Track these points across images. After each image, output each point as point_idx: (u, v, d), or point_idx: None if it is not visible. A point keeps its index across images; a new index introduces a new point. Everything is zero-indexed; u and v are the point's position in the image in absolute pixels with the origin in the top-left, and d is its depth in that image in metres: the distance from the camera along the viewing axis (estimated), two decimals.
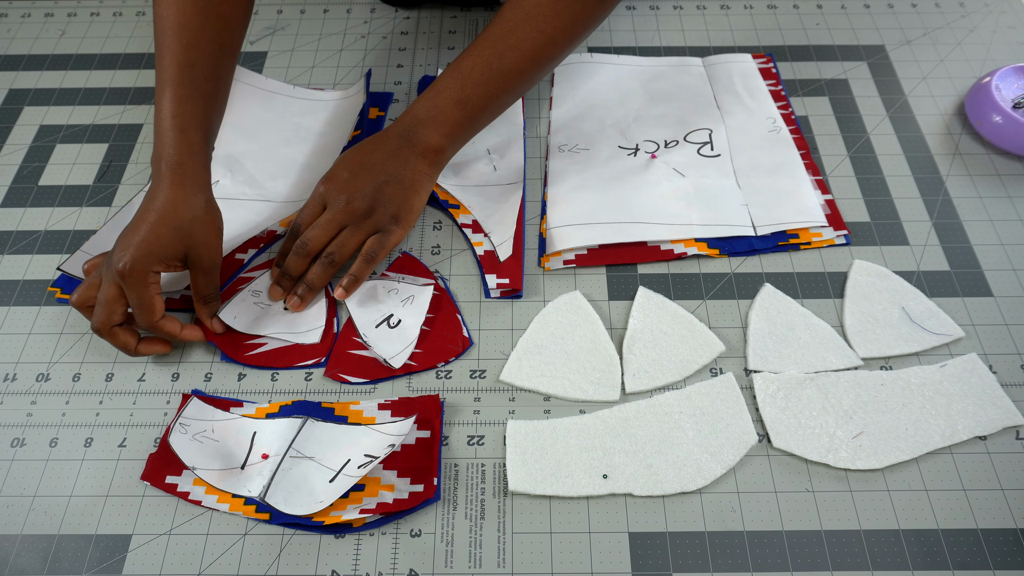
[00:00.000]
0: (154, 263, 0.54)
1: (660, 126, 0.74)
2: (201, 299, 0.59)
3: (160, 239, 0.54)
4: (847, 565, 0.50)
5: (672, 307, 0.61)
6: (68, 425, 0.57)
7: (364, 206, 0.59)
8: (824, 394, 0.56)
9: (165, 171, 0.56)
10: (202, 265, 0.57)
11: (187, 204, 0.56)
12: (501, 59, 0.61)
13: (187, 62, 0.58)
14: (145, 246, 0.54)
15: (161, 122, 0.57)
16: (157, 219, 0.55)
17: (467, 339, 0.60)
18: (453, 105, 0.61)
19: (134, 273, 0.53)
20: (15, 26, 0.85)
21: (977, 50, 0.80)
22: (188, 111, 0.58)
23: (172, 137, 0.57)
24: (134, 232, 0.54)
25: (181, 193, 0.56)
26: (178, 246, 0.55)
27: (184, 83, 0.58)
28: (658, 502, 0.52)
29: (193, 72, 0.58)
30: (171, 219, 0.55)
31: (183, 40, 0.58)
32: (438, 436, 0.55)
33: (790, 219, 0.66)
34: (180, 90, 0.58)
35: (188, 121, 0.58)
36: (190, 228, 0.56)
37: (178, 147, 0.56)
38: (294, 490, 0.52)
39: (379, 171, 0.60)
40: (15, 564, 0.51)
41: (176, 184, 0.56)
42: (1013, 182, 0.69)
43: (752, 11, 0.85)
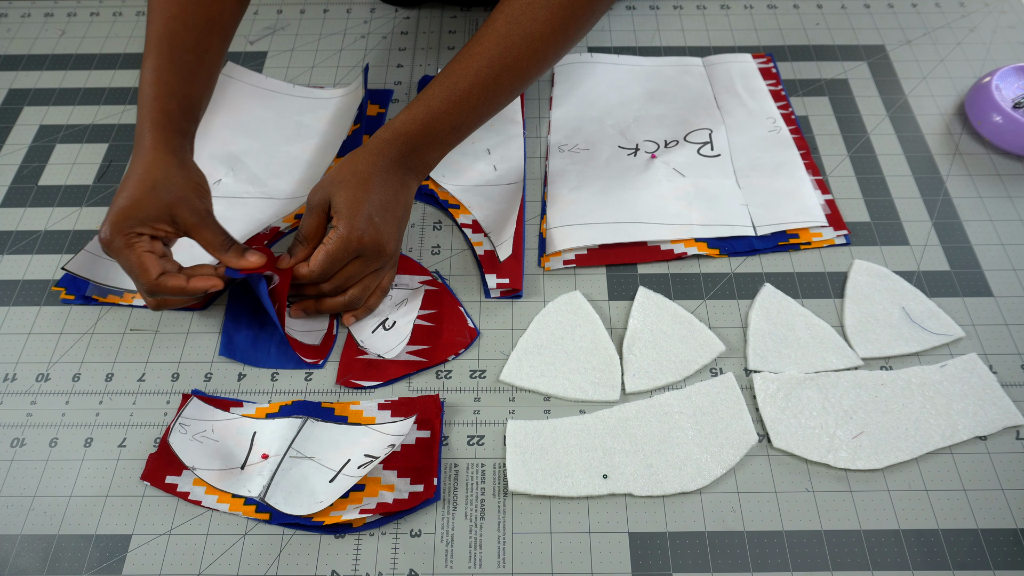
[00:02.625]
0: (134, 225, 0.53)
1: (660, 126, 0.74)
2: (217, 249, 0.55)
3: (135, 200, 0.53)
4: (847, 565, 0.50)
5: (672, 307, 0.61)
6: (68, 425, 0.57)
7: (391, 251, 0.58)
8: (824, 394, 0.56)
9: (138, 139, 0.56)
10: (192, 222, 0.55)
11: (159, 164, 0.55)
12: (498, 82, 0.59)
13: (167, 34, 0.58)
14: (121, 212, 0.53)
15: (140, 93, 0.57)
16: (130, 184, 0.54)
17: (474, 330, 0.61)
18: (449, 130, 0.60)
19: (114, 240, 0.53)
20: (15, 26, 0.85)
21: (977, 50, 0.80)
22: (163, 80, 0.57)
23: (147, 105, 0.56)
24: (114, 200, 0.54)
25: (152, 155, 0.55)
26: (157, 206, 0.54)
27: (163, 53, 0.58)
28: (658, 502, 0.52)
29: (172, 43, 0.58)
30: (144, 181, 0.54)
31: (167, 12, 0.59)
32: (438, 436, 0.55)
33: (790, 219, 0.66)
34: (159, 60, 0.58)
35: (162, 90, 0.57)
36: (165, 186, 0.54)
37: (151, 114, 0.56)
38: (294, 490, 0.52)
39: (395, 207, 0.58)
40: (15, 564, 0.51)
41: (148, 148, 0.55)
42: (1013, 182, 0.69)
43: (752, 11, 0.85)
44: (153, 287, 0.54)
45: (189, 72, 0.59)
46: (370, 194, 0.56)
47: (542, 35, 0.59)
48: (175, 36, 0.58)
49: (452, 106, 0.59)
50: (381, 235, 0.57)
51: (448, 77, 0.59)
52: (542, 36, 0.59)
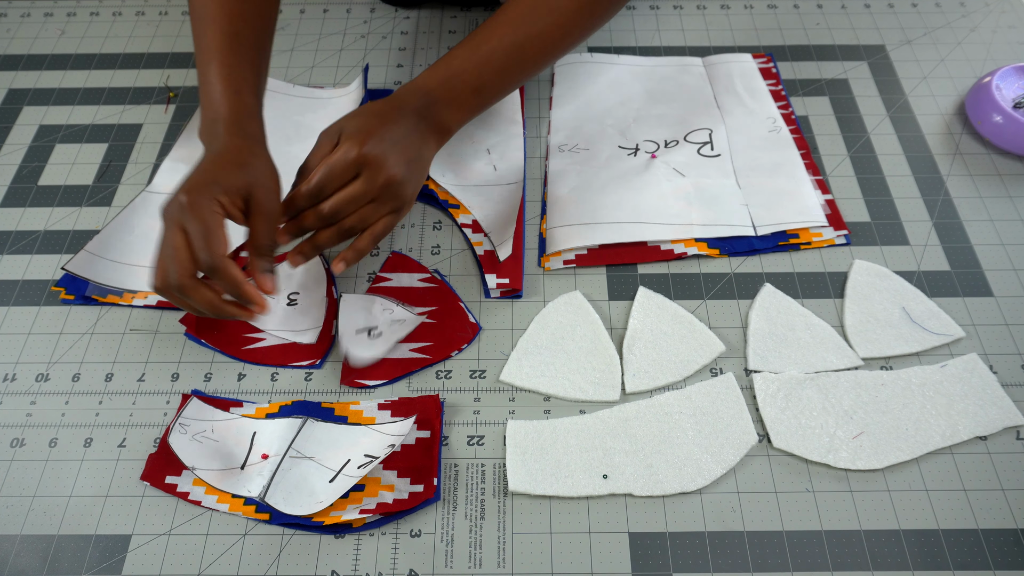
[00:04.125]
0: (217, 191, 0.50)
1: (660, 126, 0.74)
2: (257, 249, 0.53)
3: (223, 169, 0.52)
4: (847, 565, 0.50)
5: (672, 307, 0.61)
6: (68, 425, 0.57)
7: (397, 183, 0.55)
8: (824, 394, 0.56)
9: (222, 130, 0.54)
10: (263, 208, 0.52)
11: (250, 151, 0.54)
12: (521, 49, 0.60)
13: (233, 31, 0.58)
14: (208, 174, 0.51)
15: (210, 87, 0.56)
16: (218, 157, 0.52)
17: (475, 325, 0.61)
18: (471, 92, 0.60)
19: (199, 201, 0.49)
20: (15, 26, 0.85)
21: (978, 50, 0.80)
22: (240, 76, 0.57)
23: (228, 99, 0.56)
24: (191, 173, 0.52)
25: (243, 142, 0.54)
26: (241, 180, 0.52)
27: (234, 50, 0.57)
28: (658, 502, 0.52)
29: (240, 41, 0.58)
30: (234, 158, 0.53)
31: (227, 11, 0.58)
32: (438, 436, 0.55)
33: (790, 219, 0.66)
34: (230, 57, 0.57)
35: (241, 85, 0.57)
36: (253, 168, 0.53)
37: (235, 107, 0.55)
38: (294, 490, 0.52)
39: (408, 147, 0.57)
40: (15, 564, 0.51)
41: (237, 135, 0.54)
42: (1013, 182, 0.69)
43: (752, 11, 0.84)
44: (213, 265, 0.49)
45: (256, 70, 0.59)
46: (384, 125, 0.56)
47: (569, 10, 0.60)
48: (240, 35, 0.58)
49: (473, 66, 0.59)
50: (387, 158, 0.54)
51: (472, 40, 0.60)
52: (569, 11, 0.60)
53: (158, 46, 0.83)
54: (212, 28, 0.58)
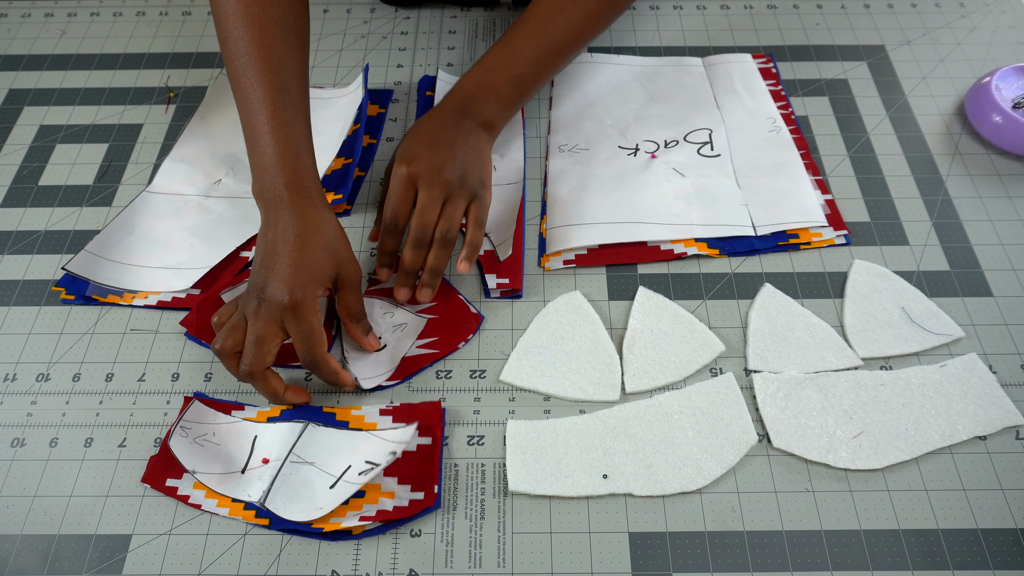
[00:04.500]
0: (317, 288, 0.52)
1: (660, 126, 0.74)
2: (353, 318, 0.56)
3: (316, 262, 0.52)
4: (847, 565, 0.50)
5: (672, 307, 0.61)
6: (68, 425, 0.57)
7: (455, 176, 0.59)
8: (824, 394, 0.56)
9: (289, 195, 0.54)
10: (351, 282, 0.55)
11: (326, 223, 0.54)
12: (551, 38, 0.64)
13: (283, 84, 0.56)
14: (306, 272, 0.51)
15: (264, 147, 0.55)
16: (303, 243, 0.52)
17: (478, 315, 0.61)
18: (506, 83, 0.63)
19: (304, 302, 0.51)
20: (15, 26, 0.85)
21: (977, 50, 0.80)
22: (297, 134, 0.56)
23: (290, 161, 0.55)
24: (282, 262, 0.51)
25: (316, 213, 0.54)
26: (331, 266, 0.53)
27: (286, 106, 0.56)
28: (658, 502, 0.52)
29: (291, 95, 0.57)
30: (317, 239, 0.53)
31: (273, 62, 0.56)
32: (439, 443, 0.54)
33: (790, 219, 0.66)
34: (283, 113, 0.56)
35: (300, 145, 0.56)
36: (335, 246, 0.54)
37: (298, 170, 0.55)
38: (294, 495, 0.51)
39: (452, 142, 0.60)
40: (15, 564, 0.51)
41: (307, 206, 0.54)
42: (1013, 182, 0.69)
43: (752, 11, 0.85)
44: (315, 362, 0.53)
45: (307, 121, 0.58)
46: (419, 134, 0.61)
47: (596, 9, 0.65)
48: (291, 88, 0.57)
49: (506, 57, 0.63)
50: (433, 159, 0.59)
51: (504, 37, 0.65)
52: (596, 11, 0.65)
53: (158, 46, 0.83)
54: (259, 81, 0.56)
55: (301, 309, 0.51)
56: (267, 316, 0.52)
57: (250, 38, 0.57)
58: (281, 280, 0.51)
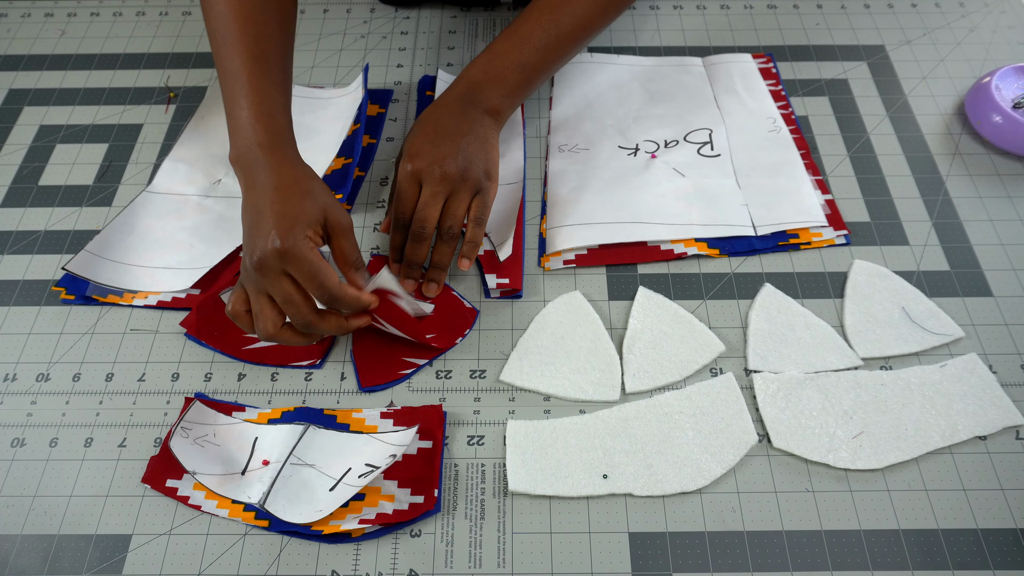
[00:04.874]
0: (306, 230, 0.51)
1: (660, 126, 0.74)
2: (351, 265, 0.55)
3: (298, 207, 0.51)
4: (847, 565, 0.50)
5: (672, 307, 0.61)
6: (68, 425, 0.57)
7: (458, 169, 0.59)
8: (824, 394, 0.56)
9: (264, 154, 0.54)
10: (342, 226, 0.54)
11: (304, 174, 0.54)
12: (559, 25, 0.63)
13: (260, 52, 0.57)
14: (290, 219, 0.51)
15: (240, 112, 0.55)
16: (283, 194, 0.52)
17: (473, 309, 0.61)
18: (513, 68, 0.63)
19: (296, 244, 0.50)
20: (15, 26, 0.85)
21: (977, 50, 0.80)
22: (272, 99, 0.56)
23: (263, 122, 0.55)
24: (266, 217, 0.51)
25: (292, 168, 0.54)
26: (315, 210, 0.52)
27: (262, 72, 0.56)
28: (658, 502, 0.52)
29: (268, 62, 0.57)
30: (296, 188, 0.52)
31: (251, 31, 0.57)
32: (440, 447, 0.54)
33: (790, 219, 0.66)
34: (259, 79, 0.56)
35: (274, 107, 0.56)
36: (317, 192, 0.53)
37: (271, 130, 0.55)
38: (294, 497, 0.51)
39: (456, 133, 0.60)
40: (15, 564, 0.51)
41: (283, 163, 0.54)
42: (1013, 182, 0.69)
43: (752, 11, 0.85)
44: (332, 297, 0.51)
45: (285, 90, 0.59)
46: (424, 127, 0.61)
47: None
48: (268, 56, 0.58)
49: (513, 45, 0.63)
50: (436, 155, 0.59)
51: (511, 25, 0.65)
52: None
53: (158, 46, 0.83)
54: (237, 50, 0.57)
55: (295, 251, 0.50)
56: (270, 270, 0.50)
57: (230, 10, 0.58)
58: (267, 233, 0.50)
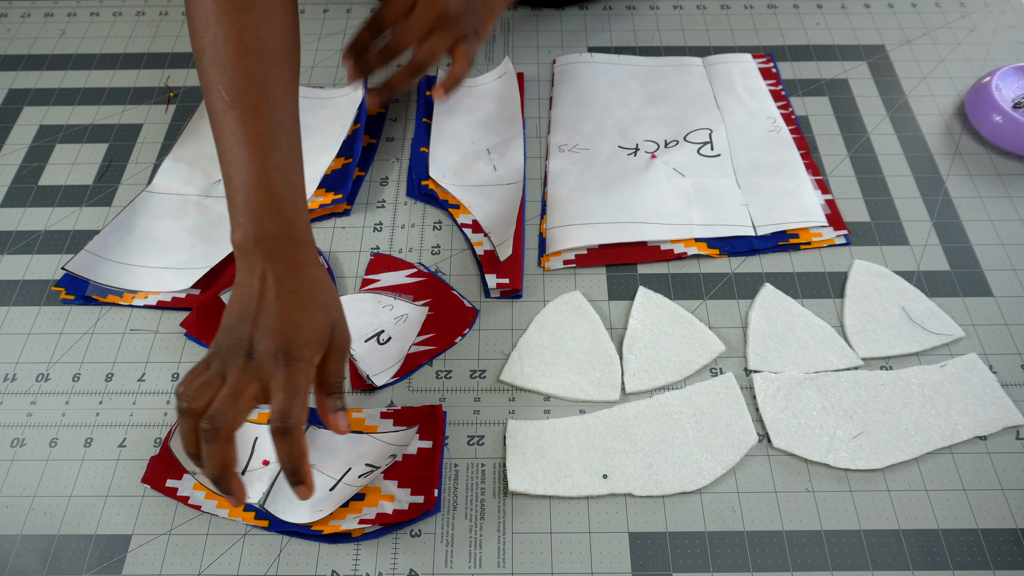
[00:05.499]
0: (317, 351, 0.47)
1: (660, 126, 0.74)
2: (328, 388, 0.49)
3: (315, 322, 0.47)
4: (847, 565, 0.50)
5: (672, 307, 0.61)
6: (68, 425, 0.57)
7: (457, 10, 0.57)
8: (824, 394, 0.56)
9: (284, 248, 0.48)
10: (340, 346, 0.50)
11: (323, 283, 0.50)
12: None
13: (278, 125, 0.51)
14: (306, 332, 0.47)
15: (254, 193, 0.49)
16: (301, 300, 0.47)
17: (473, 309, 0.61)
18: None
19: (303, 362, 0.46)
20: (15, 26, 0.85)
21: (977, 50, 0.80)
22: (293, 182, 0.50)
23: (286, 211, 0.49)
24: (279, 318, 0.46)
25: (312, 271, 0.49)
26: (327, 328, 0.48)
27: (281, 150, 0.50)
28: (658, 502, 0.52)
29: (287, 138, 0.51)
30: (314, 299, 0.48)
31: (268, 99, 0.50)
32: (440, 447, 0.54)
33: (790, 219, 0.66)
34: (279, 158, 0.50)
35: (296, 194, 0.50)
36: (331, 307, 0.49)
37: (294, 222, 0.49)
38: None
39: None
40: (15, 564, 0.51)
41: (303, 263, 0.49)
42: (1013, 182, 0.69)
43: (752, 11, 0.85)
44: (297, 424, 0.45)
45: (301, 164, 0.53)
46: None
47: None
48: (287, 131, 0.51)
49: None
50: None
51: None
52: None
53: (158, 46, 0.83)
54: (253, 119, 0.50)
55: (296, 371, 0.46)
56: (256, 372, 0.45)
57: (243, 69, 0.50)
58: (278, 336, 0.46)
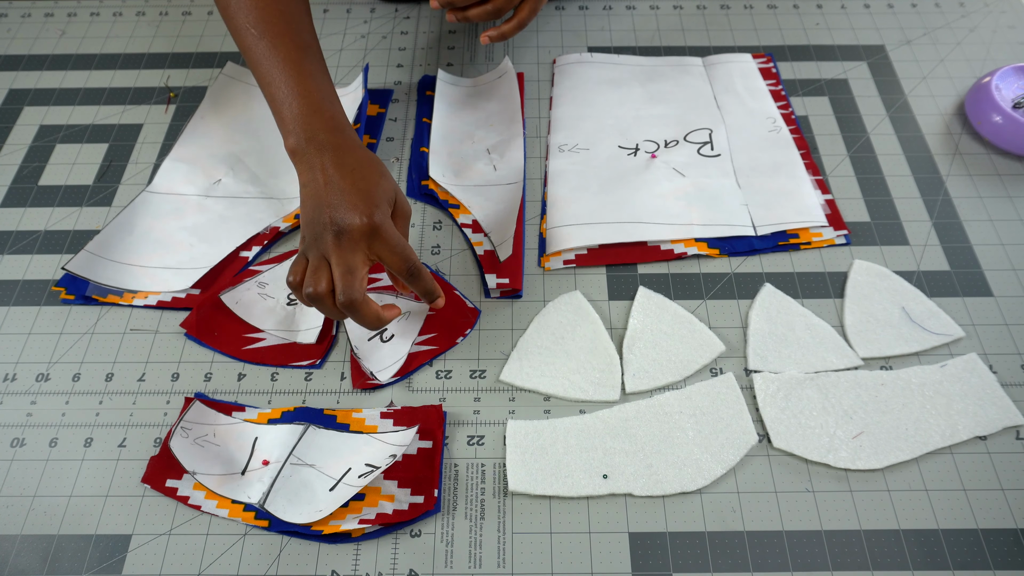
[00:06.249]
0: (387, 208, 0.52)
1: (660, 126, 0.74)
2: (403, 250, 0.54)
3: (379, 186, 0.52)
4: (847, 565, 0.50)
5: (672, 307, 0.61)
6: (68, 425, 0.57)
7: None
8: (824, 394, 0.56)
9: (336, 138, 0.54)
10: (405, 212, 0.56)
11: (372, 158, 0.54)
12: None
13: (303, 44, 0.57)
14: (375, 196, 0.51)
15: (295, 101, 0.55)
16: (363, 173, 0.52)
17: (475, 310, 0.61)
18: None
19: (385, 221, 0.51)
20: (15, 26, 0.85)
21: (977, 50, 0.80)
22: (326, 88, 0.56)
23: (327, 110, 0.55)
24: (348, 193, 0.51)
25: (362, 150, 0.54)
26: (391, 191, 0.53)
27: (311, 60, 0.57)
28: (658, 502, 0.52)
29: (313, 52, 0.58)
30: (374, 169, 0.53)
31: (291, 24, 0.57)
32: (440, 447, 0.54)
33: (790, 219, 0.66)
34: (311, 66, 0.57)
35: (332, 97, 0.56)
36: (387, 172, 0.54)
37: (335, 117, 0.55)
38: (294, 497, 0.51)
39: None
40: (15, 564, 0.51)
41: (355, 146, 0.54)
42: (1013, 182, 0.69)
43: (752, 11, 0.85)
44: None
45: (330, 77, 0.59)
46: None
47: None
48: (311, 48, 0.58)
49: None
50: None
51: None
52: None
53: (158, 46, 0.83)
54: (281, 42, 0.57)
55: (384, 227, 0.51)
56: (351, 245, 0.51)
57: (265, 5, 0.57)
58: (354, 207, 0.50)
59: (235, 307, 0.61)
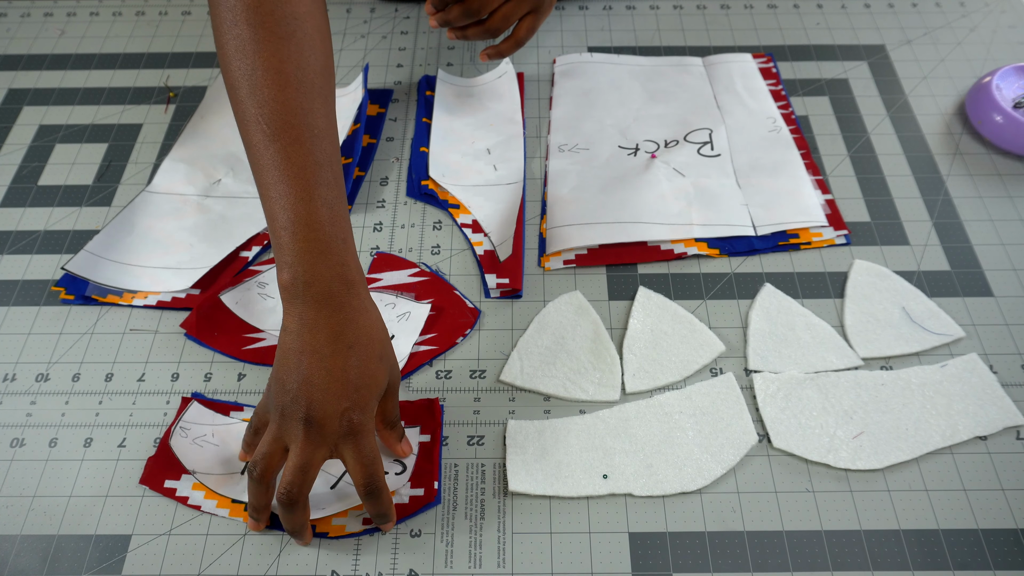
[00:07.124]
0: (376, 406, 0.48)
1: (660, 126, 0.74)
2: (388, 423, 0.51)
3: (374, 377, 0.47)
4: (847, 565, 0.50)
5: (672, 307, 0.61)
6: (68, 425, 0.57)
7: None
8: (824, 394, 0.56)
9: (336, 293, 0.46)
10: (395, 386, 0.50)
11: (377, 326, 0.48)
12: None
13: (324, 159, 0.48)
14: (366, 391, 0.46)
15: (304, 233, 0.46)
16: (362, 356, 0.46)
17: (475, 310, 0.61)
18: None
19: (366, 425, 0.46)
20: (14, 26, 0.85)
21: (977, 50, 0.80)
22: (341, 218, 0.48)
23: (337, 251, 0.47)
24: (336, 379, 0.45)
25: (368, 315, 0.48)
26: (384, 378, 0.48)
27: (328, 184, 0.48)
28: (658, 502, 0.52)
29: (332, 171, 0.49)
30: (372, 350, 0.47)
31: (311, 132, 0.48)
32: (438, 440, 0.54)
33: (790, 219, 0.66)
34: (326, 192, 0.48)
35: (346, 231, 0.48)
36: (388, 353, 0.49)
37: (346, 262, 0.47)
38: None
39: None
40: (15, 564, 0.51)
41: (358, 308, 0.47)
42: (1013, 182, 0.69)
43: (752, 11, 0.84)
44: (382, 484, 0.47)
45: (346, 198, 0.51)
46: None
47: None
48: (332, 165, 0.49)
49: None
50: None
51: None
52: None
53: (158, 46, 0.83)
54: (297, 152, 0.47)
55: (364, 433, 0.46)
56: (318, 440, 0.45)
57: (285, 100, 0.48)
58: (337, 398, 0.45)
59: (235, 307, 0.61)
